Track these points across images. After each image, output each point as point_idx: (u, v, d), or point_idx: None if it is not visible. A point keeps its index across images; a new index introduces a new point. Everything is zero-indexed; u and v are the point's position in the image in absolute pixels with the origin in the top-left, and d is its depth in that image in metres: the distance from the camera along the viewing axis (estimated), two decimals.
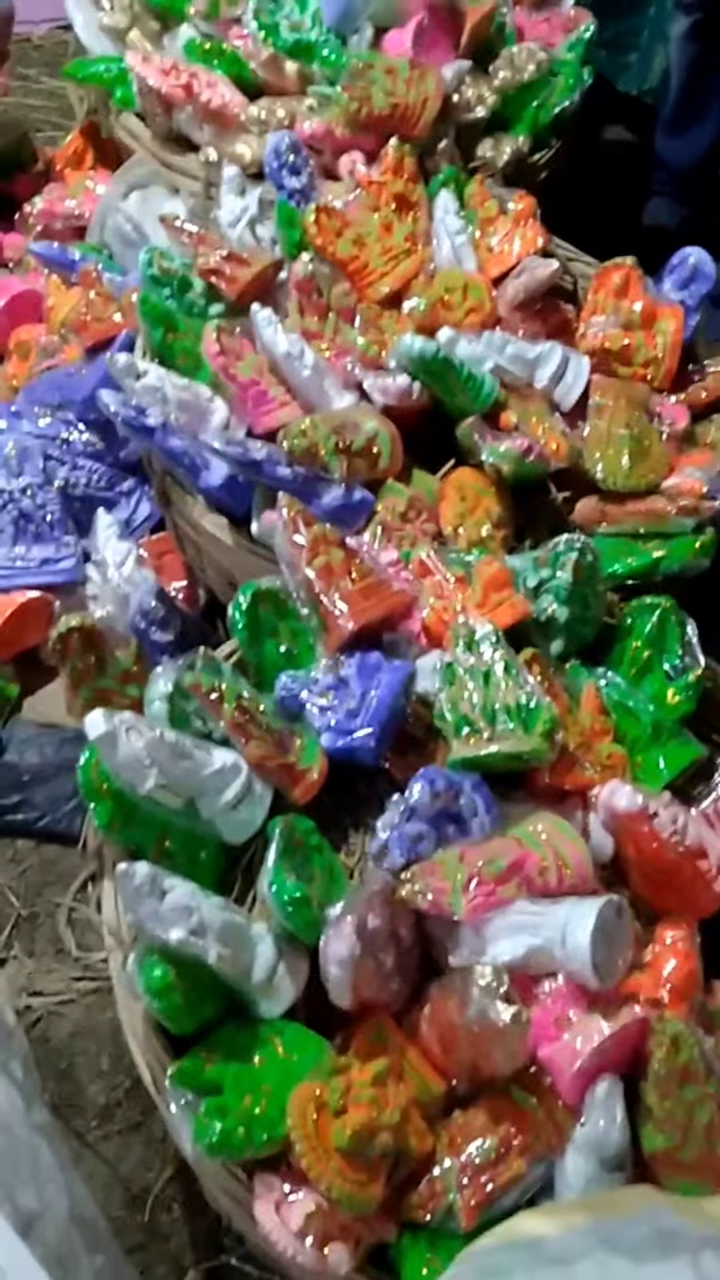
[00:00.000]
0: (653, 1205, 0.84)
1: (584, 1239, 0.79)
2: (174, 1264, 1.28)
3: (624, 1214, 0.82)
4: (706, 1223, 0.80)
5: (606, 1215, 0.82)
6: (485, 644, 1.22)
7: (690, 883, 1.15)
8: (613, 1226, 0.80)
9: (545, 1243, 0.80)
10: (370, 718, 1.17)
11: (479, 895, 1.05)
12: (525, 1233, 0.83)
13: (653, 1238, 0.78)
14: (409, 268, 1.61)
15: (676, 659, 1.34)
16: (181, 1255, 1.28)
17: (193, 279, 1.59)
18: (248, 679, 1.27)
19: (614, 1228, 0.80)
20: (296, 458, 1.38)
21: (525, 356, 1.57)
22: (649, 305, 1.66)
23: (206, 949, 0.99)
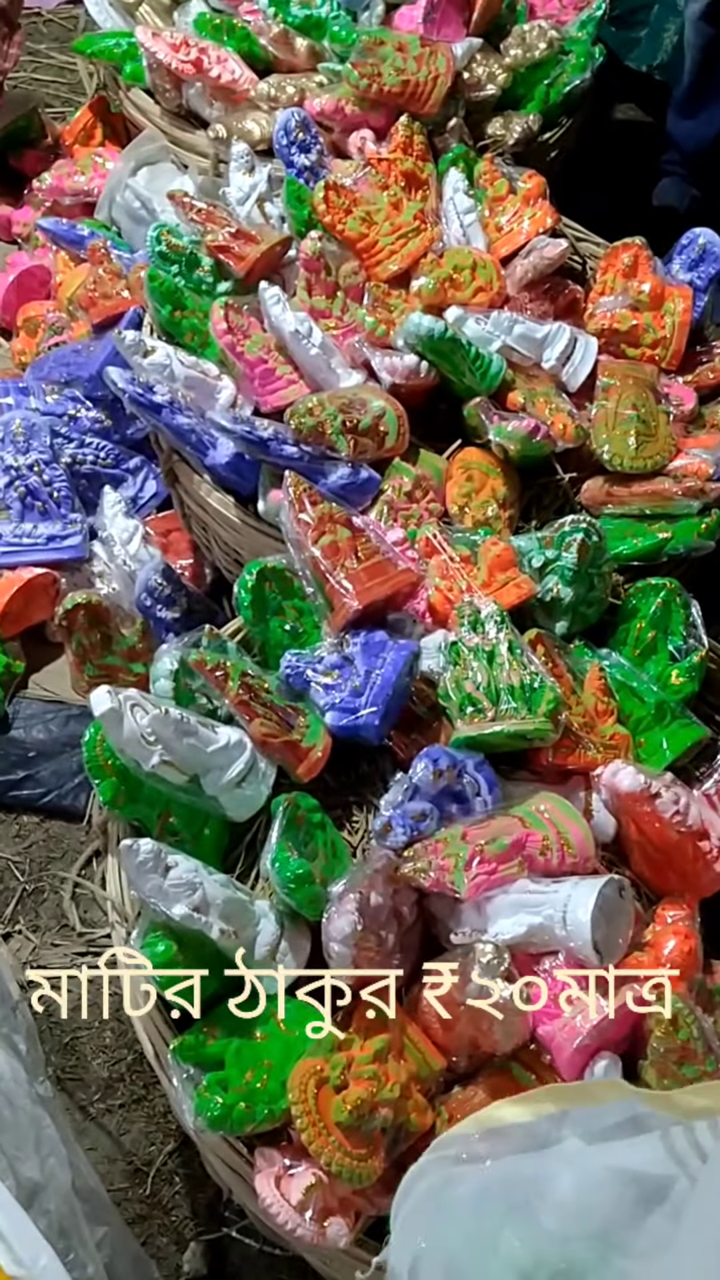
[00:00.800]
0: (621, 1094, 0.85)
1: (556, 1124, 0.82)
2: (175, 1236, 1.29)
3: (594, 1101, 0.84)
4: (674, 1110, 0.81)
5: (578, 1102, 0.84)
6: (490, 623, 1.23)
7: (692, 862, 1.15)
8: (585, 1113, 0.82)
9: (518, 1128, 0.82)
10: (375, 696, 1.18)
11: (481, 873, 1.05)
12: (498, 1119, 0.85)
13: (624, 1122, 0.81)
14: (418, 246, 1.60)
15: (681, 640, 1.35)
16: (183, 1227, 1.29)
17: (201, 256, 1.58)
18: (253, 657, 1.28)
19: (586, 1114, 0.82)
20: (303, 436, 1.38)
21: (533, 336, 1.56)
22: (657, 286, 1.65)
23: (210, 924, 1.00)
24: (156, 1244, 1.28)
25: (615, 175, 2.39)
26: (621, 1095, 0.84)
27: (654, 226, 1.89)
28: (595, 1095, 0.86)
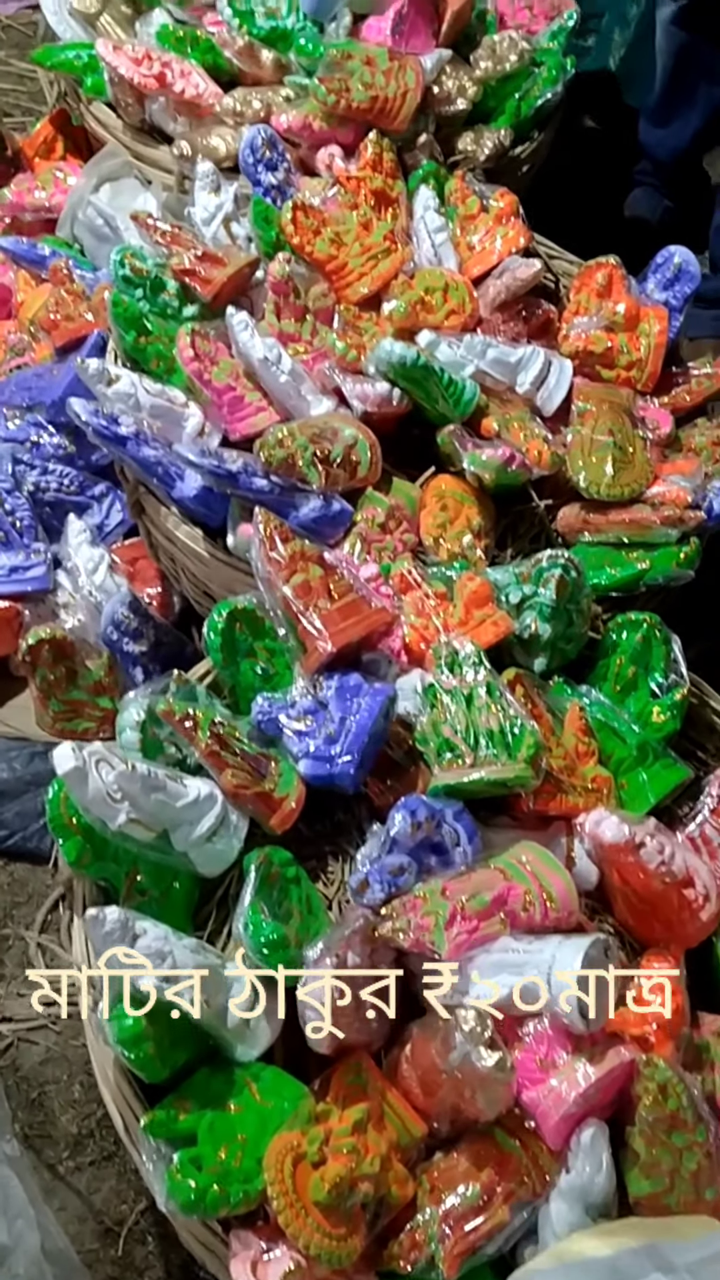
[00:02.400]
0: (708, 1227, 0.82)
1: (640, 1258, 0.78)
2: None
3: (680, 1236, 0.81)
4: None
5: (662, 1236, 0.81)
6: (467, 665, 1.19)
7: (677, 912, 1.12)
8: (670, 1247, 0.79)
9: (599, 1263, 0.79)
10: (350, 744, 1.14)
11: (462, 932, 1.02)
12: (578, 1253, 0.81)
13: (711, 1257, 0.77)
14: (388, 268, 1.57)
15: (661, 676, 1.32)
16: None
17: (166, 279, 1.53)
18: (223, 700, 1.24)
19: (671, 1248, 0.79)
20: (274, 468, 1.34)
21: (507, 360, 1.53)
22: (632, 306, 1.62)
23: (180, 994, 0.95)
24: None
25: (587, 185, 2.36)
26: (708, 1229, 0.81)
27: (626, 237, 1.86)
28: (680, 1230, 0.83)
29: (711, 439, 1.58)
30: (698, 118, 2.27)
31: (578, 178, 2.27)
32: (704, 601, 1.58)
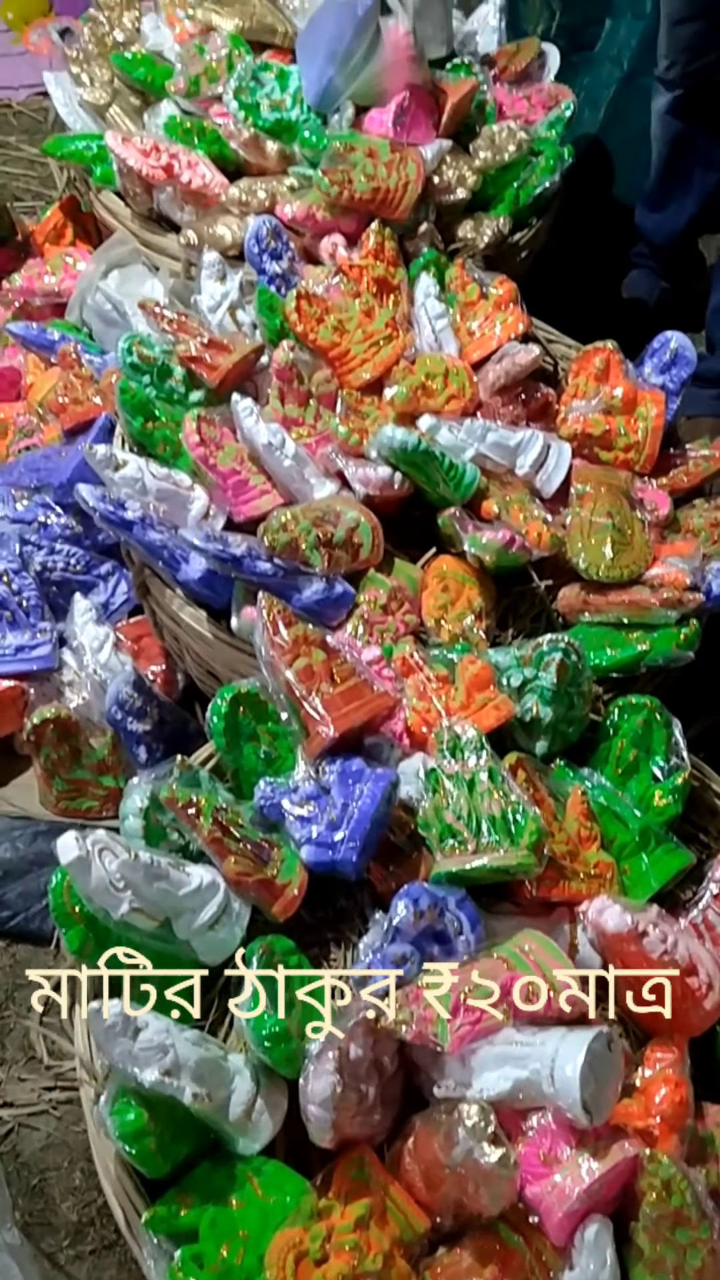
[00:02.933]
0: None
1: None
2: None
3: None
4: None
5: None
6: (469, 750, 1.20)
7: (680, 1001, 1.12)
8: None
9: None
10: (352, 830, 1.14)
11: (465, 1024, 1.01)
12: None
13: None
14: (390, 354, 1.60)
15: (663, 760, 1.32)
16: None
17: (172, 366, 1.57)
18: (225, 783, 1.24)
19: None
20: (277, 552, 1.36)
21: (507, 444, 1.55)
22: (630, 390, 1.65)
23: (181, 1089, 0.95)
24: None
25: (585, 267, 2.41)
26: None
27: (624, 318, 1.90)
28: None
29: (709, 520, 1.60)
30: (693, 203, 2.32)
31: (576, 260, 2.32)
32: (704, 679, 1.59)
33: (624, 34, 2.40)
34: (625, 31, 2.40)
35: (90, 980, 1.06)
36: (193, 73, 1.91)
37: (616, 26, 2.43)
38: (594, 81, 2.46)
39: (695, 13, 2.13)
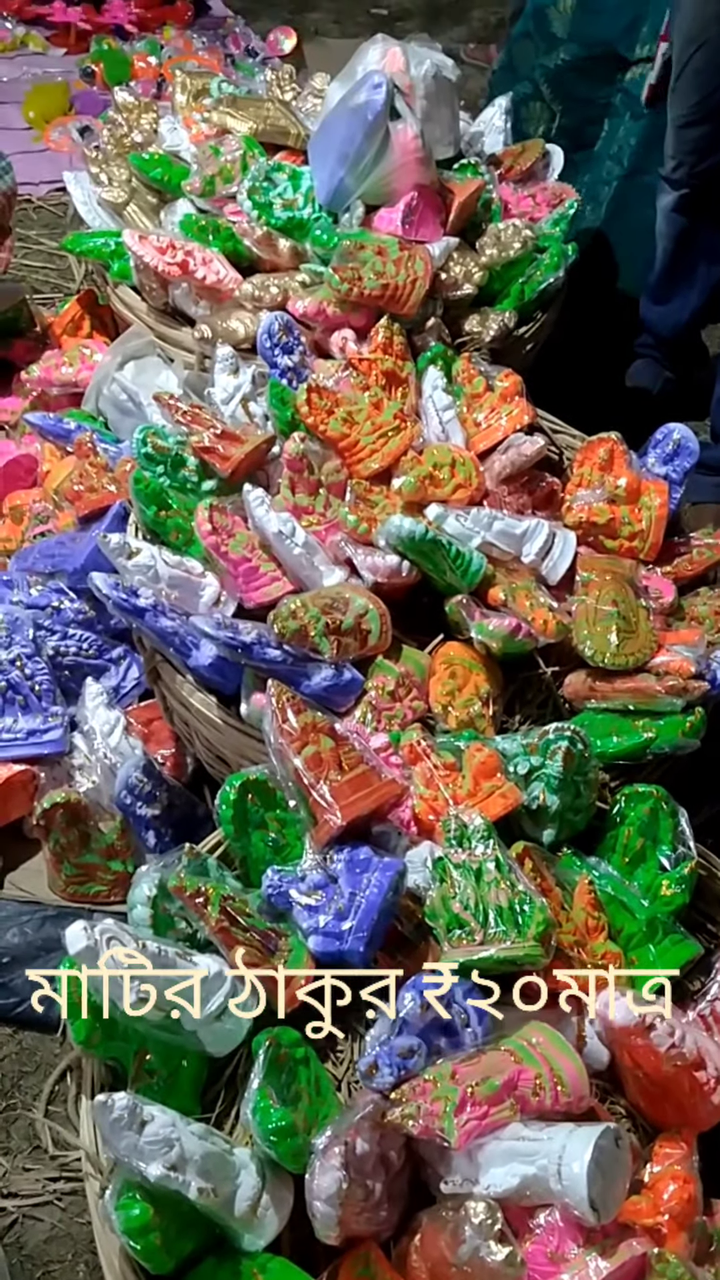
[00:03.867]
0: None
1: None
2: None
3: None
4: None
5: None
6: (476, 839, 1.21)
7: (689, 1095, 1.11)
8: None
9: None
10: (360, 920, 1.15)
11: (472, 1119, 1.01)
12: None
13: None
14: (398, 445, 1.63)
15: (670, 849, 1.32)
16: None
17: (186, 456, 1.61)
18: (233, 870, 1.25)
19: None
20: (287, 639, 1.38)
21: (512, 532, 1.58)
22: (634, 481, 1.68)
23: (187, 1184, 0.95)
24: None
25: (590, 357, 2.46)
26: None
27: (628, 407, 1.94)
28: None
29: (714, 608, 1.62)
30: (697, 296, 2.38)
31: (581, 352, 2.37)
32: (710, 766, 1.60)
33: (623, 133, 2.49)
34: (624, 131, 2.49)
35: (95, 1068, 1.06)
36: (208, 173, 1.98)
37: (616, 126, 2.52)
38: (595, 179, 2.55)
39: (702, 116, 2.21)
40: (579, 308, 2.28)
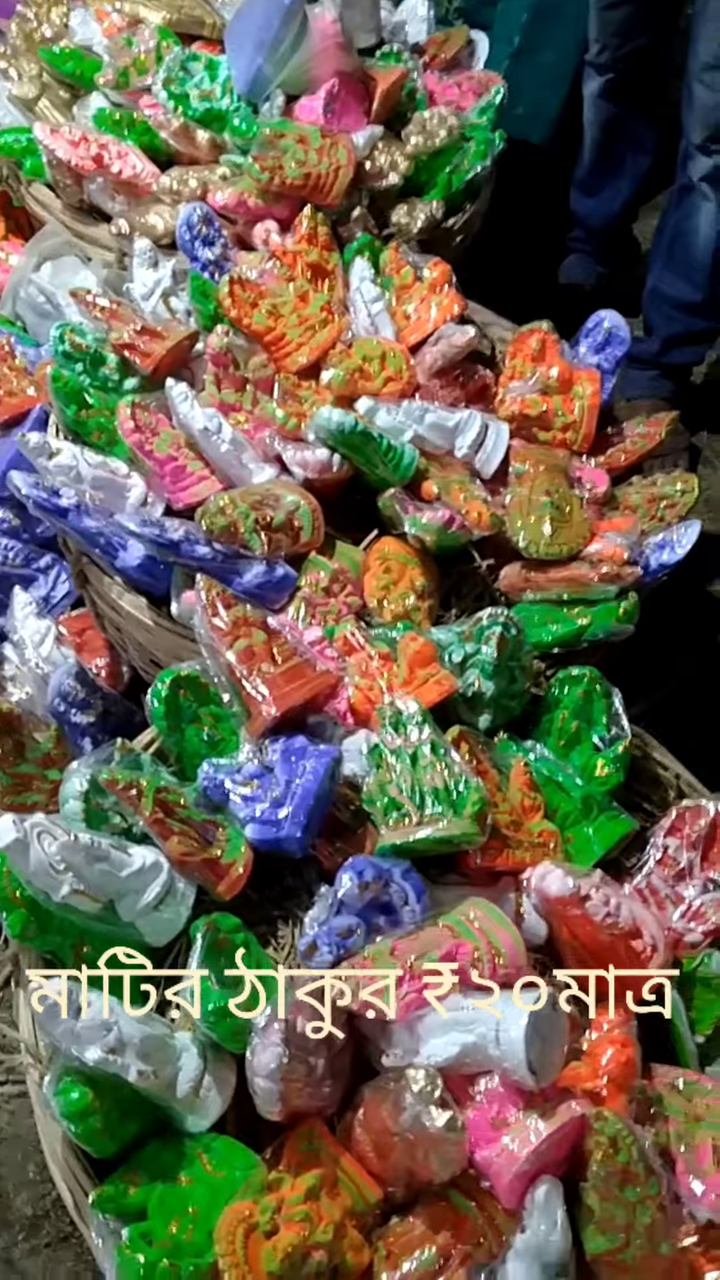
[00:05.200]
0: None
1: None
2: None
3: None
4: None
5: None
6: (412, 724, 1.20)
7: (626, 964, 1.13)
8: None
9: None
10: (297, 807, 1.14)
11: (411, 992, 1.01)
12: None
13: None
14: (326, 337, 1.60)
15: (604, 730, 1.33)
16: None
17: (106, 354, 1.56)
18: (169, 767, 1.24)
19: None
20: (216, 536, 1.35)
21: (445, 425, 1.56)
22: (565, 370, 1.66)
23: (126, 1066, 0.95)
24: None
25: (521, 254, 2.42)
26: None
27: (561, 303, 1.91)
28: None
29: (647, 496, 1.62)
30: (627, 187, 2.35)
31: (512, 246, 2.33)
32: (646, 659, 1.61)
33: (514, 12, 2.41)
34: (516, 8, 2.41)
35: (32, 961, 1.05)
36: (121, 65, 1.90)
37: (509, 6, 2.44)
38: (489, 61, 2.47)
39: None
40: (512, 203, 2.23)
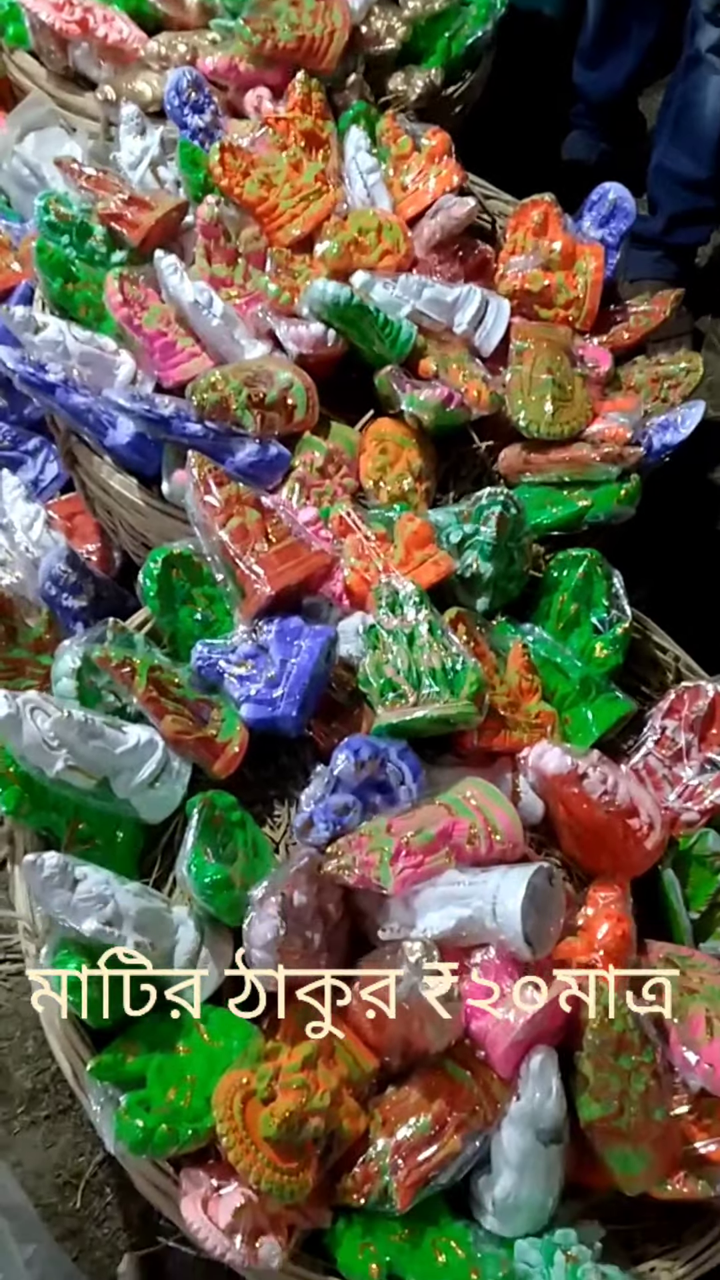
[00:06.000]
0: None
1: None
2: (109, 1249, 1.25)
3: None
4: None
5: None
6: (409, 605, 1.19)
7: (622, 842, 1.13)
8: None
9: None
10: (292, 687, 1.13)
11: (407, 867, 1.01)
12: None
13: None
14: (320, 209, 1.54)
15: (604, 612, 1.32)
16: (116, 1240, 1.25)
17: (92, 225, 1.50)
18: (162, 649, 1.22)
19: None
20: (207, 413, 1.32)
21: (444, 300, 1.51)
22: (569, 244, 1.60)
23: (123, 939, 0.95)
24: (90, 1258, 1.24)
25: (523, 129, 2.33)
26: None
27: (564, 181, 1.84)
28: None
29: (651, 376, 1.58)
30: (631, 58, 2.25)
31: (514, 122, 2.25)
32: (649, 544, 1.58)
33: None
34: None
35: (28, 840, 1.04)
36: None
37: None
38: None
39: None
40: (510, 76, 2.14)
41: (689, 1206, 1.06)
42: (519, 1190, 0.98)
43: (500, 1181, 0.99)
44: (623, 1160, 1.00)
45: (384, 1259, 0.94)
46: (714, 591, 1.94)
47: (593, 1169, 1.03)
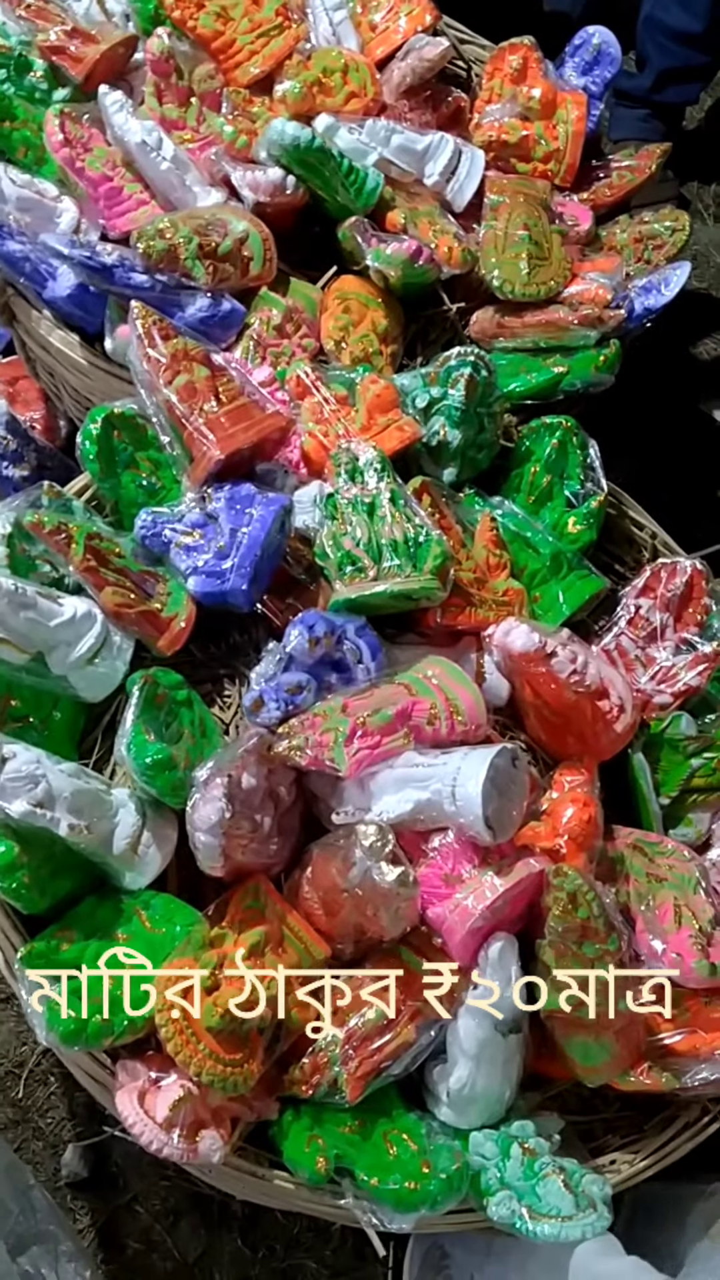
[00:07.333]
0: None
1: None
2: (53, 1139, 1.21)
3: None
4: None
5: None
6: (369, 472, 1.11)
7: (591, 724, 1.07)
8: None
9: None
10: (242, 558, 1.05)
11: (363, 748, 0.95)
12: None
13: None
14: (281, 46, 1.42)
15: (578, 484, 1.24)
16: (60, 1130, 1.22)
17: (32, 59, 1.37)
18: (104, 517, 1.14)
19: None
20: (154, 262, 1.22)
21: (413, 148, 1.40)
22: (549, 92, 1.49)
23: (56, 820, 0.88)
24: (32, 1149, 1.20)
25: None
26: None
27: (545, 34, 1.71)
28: None
29: (634, 236, 1.49)
30: None
31: None
32: (628, 415, 1.50)
33: None
34: None
35: None
36: None
37: None
38: None
39: None
40: None
41: (652, 1099, 1.03)
42: (475, 1081, 0.95)
43: (456, 1072, 0.95)
44: (584, 1051, 0.96)
45: (332, 1152, 0.90)
46: (694, 466, 1.87)
47: (552, 1059, 0.99)
